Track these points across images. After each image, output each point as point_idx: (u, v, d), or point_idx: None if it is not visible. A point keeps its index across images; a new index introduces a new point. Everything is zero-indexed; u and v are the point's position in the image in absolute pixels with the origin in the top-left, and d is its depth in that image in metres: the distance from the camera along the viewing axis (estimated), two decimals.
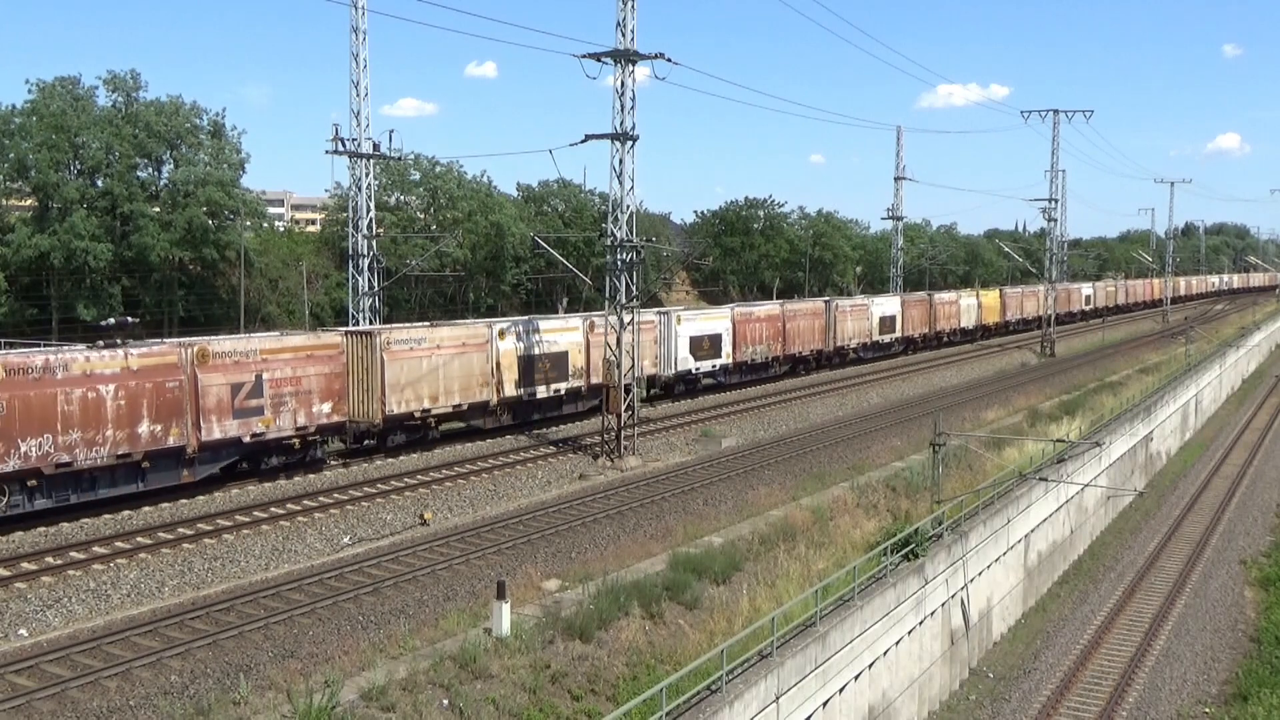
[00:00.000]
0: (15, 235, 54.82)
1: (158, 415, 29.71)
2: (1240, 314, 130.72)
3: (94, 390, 28.35)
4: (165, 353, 30.39)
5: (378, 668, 18.83)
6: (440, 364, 38.80)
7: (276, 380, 32.85)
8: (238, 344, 32.47)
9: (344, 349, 35.67)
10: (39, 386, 27.29)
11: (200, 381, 30.71)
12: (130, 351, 29.46)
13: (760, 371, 59.16)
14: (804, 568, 27.26)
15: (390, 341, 37.10)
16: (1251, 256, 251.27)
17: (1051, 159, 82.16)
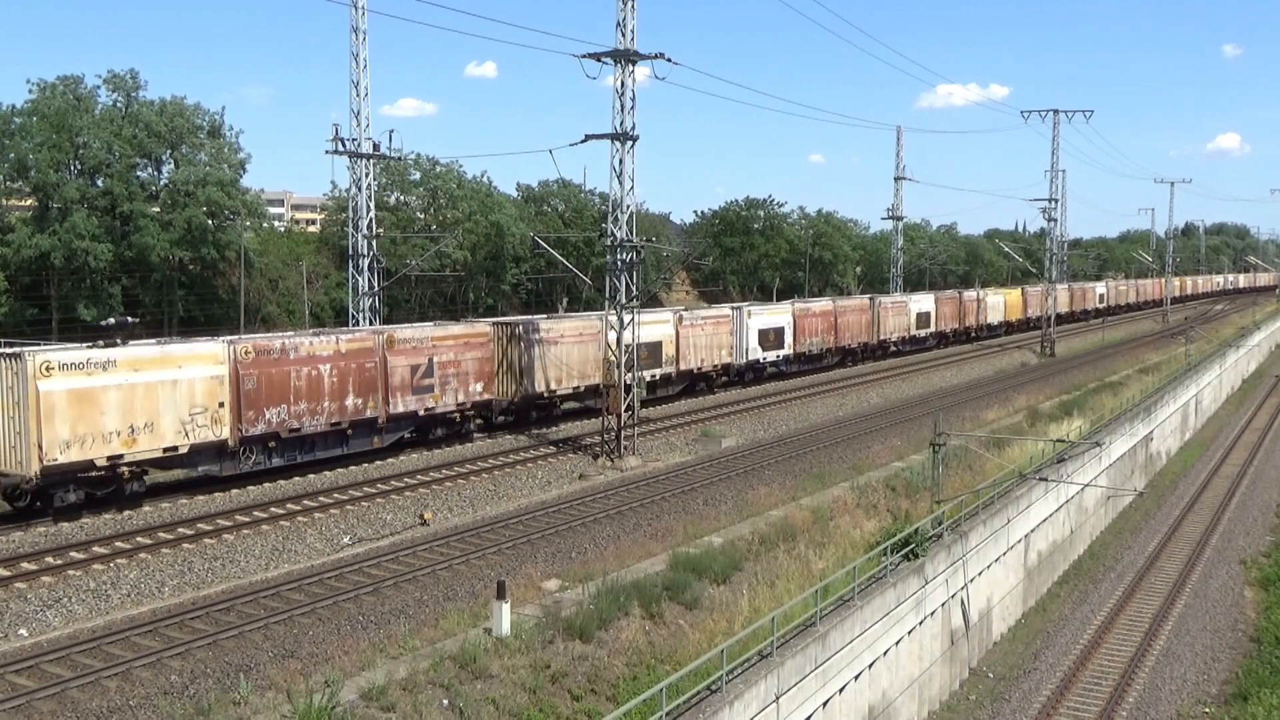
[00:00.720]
0: (15, 235, 54.83)
1: (359, 391, 36.05)
2: (1240, 314, 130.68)
3: (315, 369, 34.58)
4: (364, 339, 36.62)
5: (378, 668, 18.83)
6: (563, 352, 44.97)
7: (443, 363, 39.18)
8: (415, 332, 38.91)
9: (492, 337, 41.64)
10: (278, 365, 33.33)
11: (389, 363, 36.93)
12: (340, 337, 36.22)
13: (815, 362, 64.83)
14: (804, 568, 27.27)
15: (529, 330, 43.88)
16: (1251, 256, 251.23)
17: (1051, 159, 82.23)
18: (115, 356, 29.24)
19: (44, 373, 27.68)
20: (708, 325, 55.05)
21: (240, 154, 61.98)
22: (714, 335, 55.33)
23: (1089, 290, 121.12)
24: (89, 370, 28.59)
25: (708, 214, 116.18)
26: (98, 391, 28.61)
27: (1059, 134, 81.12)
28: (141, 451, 29.70)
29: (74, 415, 28.06)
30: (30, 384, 27.52)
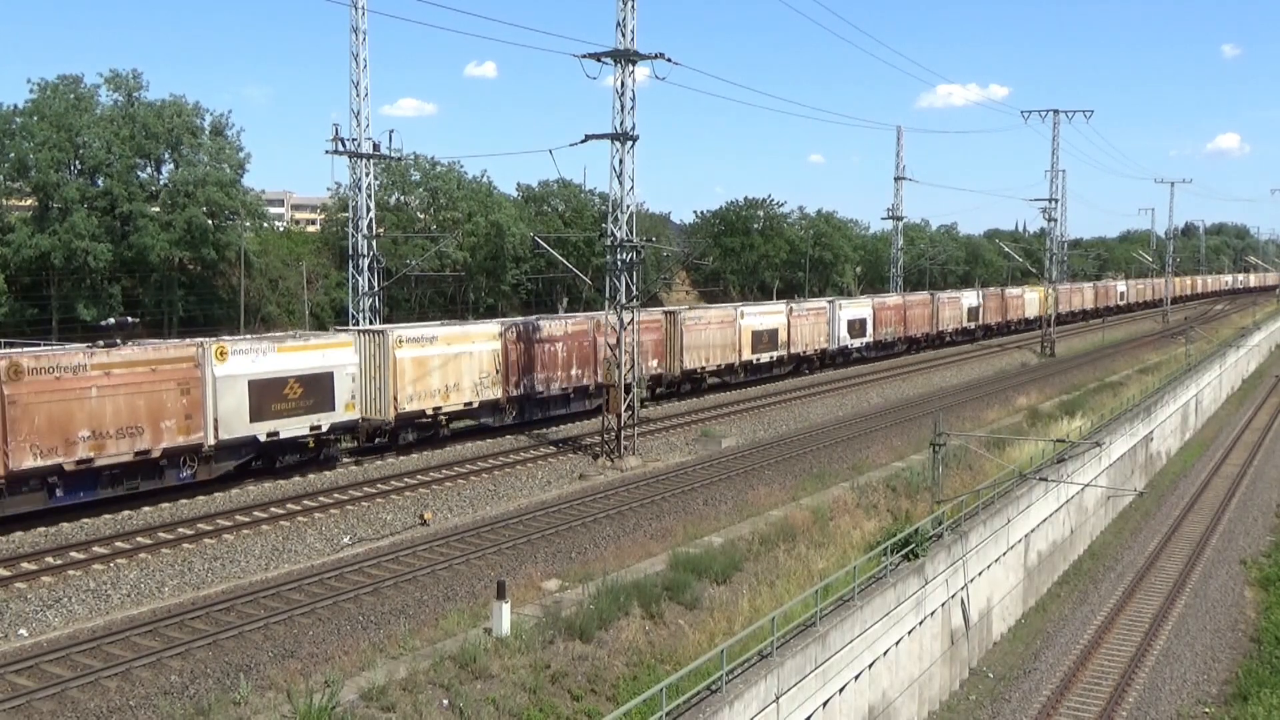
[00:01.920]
0: (15, 235, 54.84)
1: (579, 364, 45.68)
2: (1240, 314, 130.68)
3: (553, 345, 44.42)
4: (582, 322, 46.72)
5: (378, 668, 18.84)
6: (709, 336, 54.40)
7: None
8: (562, 323, 46.80)
9: (664, 322, 51.76)
10: (531, 343, 43.43)
11: (597, 342, 45.07)
12: (568, 320, 46.49)
13: (889, 348, 74.30)
14: (804, 568, 27.27)
15: (685, 319, 53.13)
16: (1251, 256, 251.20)
17: (1051, 159, 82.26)
18: (437, 334, 39.76)
19: (398, 344, 37.46)
20: (811, 315, 64.68)
21: (241, 154, 62.02)
22: (815, 324, 64.72)
23: (1111, 288, 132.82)
24: (422, 343, 38.47)
25: (707, 214, 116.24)
26: (428, 359, 38.51)
27: (1059, 134, 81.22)
28: (452, 405, 39.84)
29: (414, 377, 37.91)
30: (390, 353, 37.03)
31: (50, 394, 27.33)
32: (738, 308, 58.18)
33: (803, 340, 62.71)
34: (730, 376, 56.46)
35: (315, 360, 34.18)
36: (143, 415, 29.30)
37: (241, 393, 31.71)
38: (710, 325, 54.81)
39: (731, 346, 56.07)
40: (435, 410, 39.05)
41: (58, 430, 27.46)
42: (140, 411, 29.24)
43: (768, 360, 59.59)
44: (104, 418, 28.40)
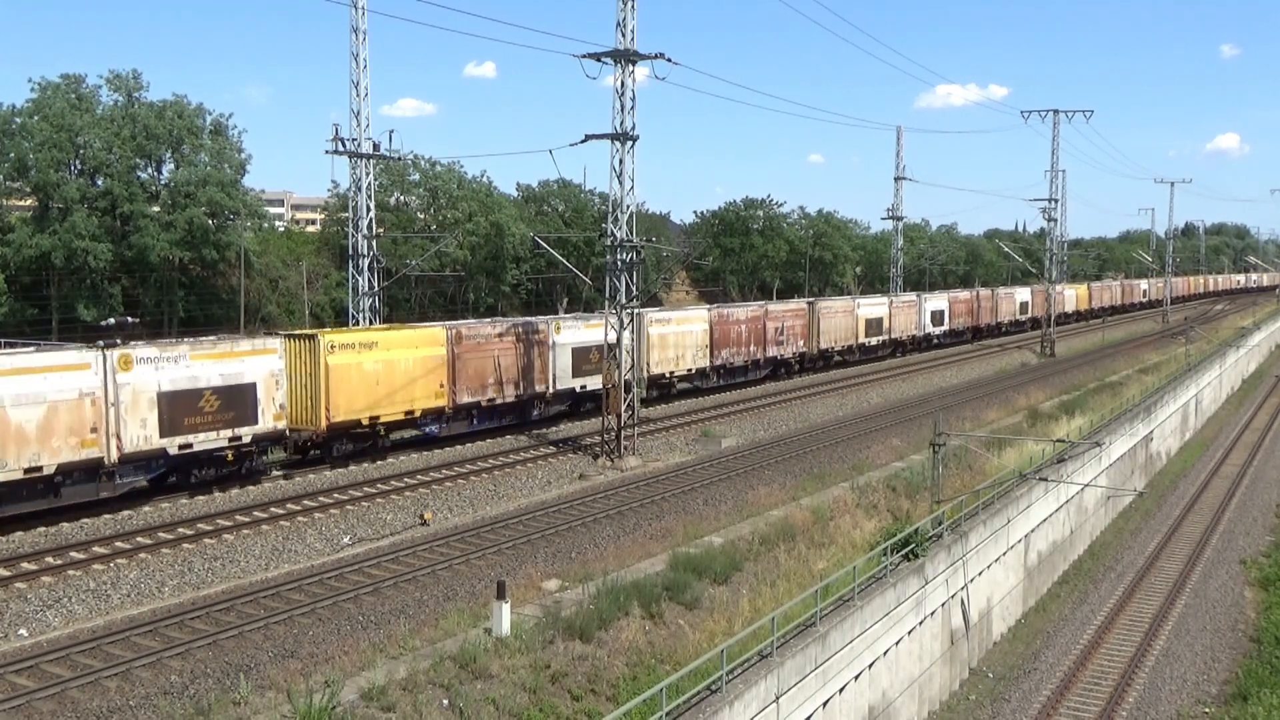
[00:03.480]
0: (16, 235, 54.85)
1: (756, 341, 58.51)
2: (1239, 314, 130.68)
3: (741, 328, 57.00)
4: (755, 308, 59.85)
5: (378, 668, 18.84)
6: (837, 323, 66.27)
7: (786, 327, 61.22)
8: (785, 306, 62.91)
9: (806, 311, 63.48)
10: (725, 324, 55.48)
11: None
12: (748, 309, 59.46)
13: (960, 336, 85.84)
14: (804, 568, 27.27)
15: (821, 308, 65.09)
16: (1251, 256, 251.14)
17: (1051, 159, 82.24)
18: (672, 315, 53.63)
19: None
20: (905, 306, 75.60)
21: (241, 154, 62.02)
22: (908, 314, 76.23)
23: (1135, 286, 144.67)
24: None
25: (707, 214, 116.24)
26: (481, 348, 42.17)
27: (1059, 134, 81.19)
28: (678, 373, 52.53)
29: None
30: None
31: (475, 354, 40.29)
32: (855, 299, 71.72)
33: (899, 327, 74.97)
34: (849, 356, 68.41)
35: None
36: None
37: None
38: (837, 314, 66.74)
39: (851, 331, 68.22)
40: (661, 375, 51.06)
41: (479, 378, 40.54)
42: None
43: (875, 343, 71.38)
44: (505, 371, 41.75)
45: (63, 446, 27.67)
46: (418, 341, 38.69)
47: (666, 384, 51.89)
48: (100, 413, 28.53)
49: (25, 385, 27.01)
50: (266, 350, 33.16)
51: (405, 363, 37.63)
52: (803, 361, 63.65)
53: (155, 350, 30.44)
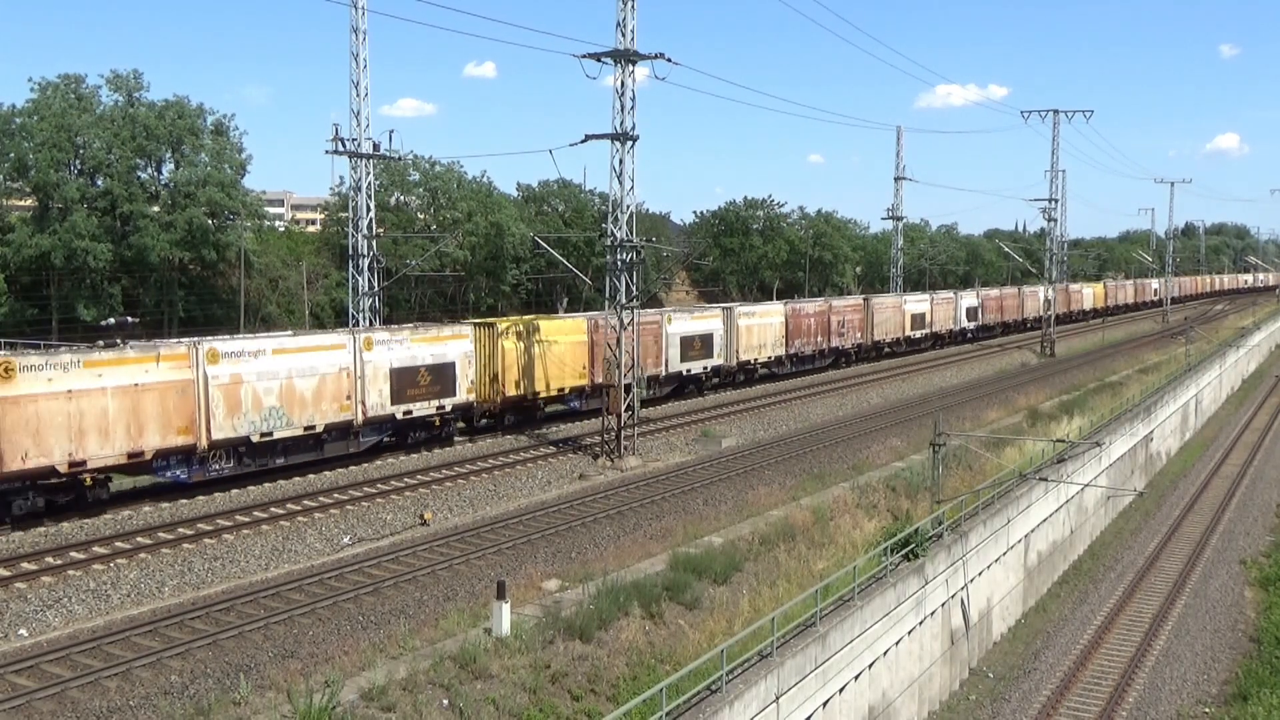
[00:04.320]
0: (15, 235, 54.84)
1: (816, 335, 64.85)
2: (1239, 314, 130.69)
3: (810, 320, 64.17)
4: (821, 303, 66.82)
5: (378, 668, 18.83)
6: (887, 316, 73.29)
7: (846, 320, 68.13)
8: (845, 302, 70.41)
9: (863, 305, 70.97)
10: (798, 318, 62.42)
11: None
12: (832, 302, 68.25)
13: (991, 331, 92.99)
14: (804, 568, 27.27)
15: (875, 303, 72.11)
16: (1251, 256, 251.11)
17: (1051, 159, 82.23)
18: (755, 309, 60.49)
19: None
20: (944, 303, 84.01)
21: (242, 155, 62.00)
22: (946, 310, 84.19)
23: (1147, 285, 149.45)
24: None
25: (707, 214, 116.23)
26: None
27: (1059, 134, 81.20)
28: (760, 360, 59.41)
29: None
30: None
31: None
32: (902, 296, 78.81)
33: (939, 322, 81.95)
34: (897, 347, 75.49)
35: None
36: None
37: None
38: (888, 309, 74.03)
39: (899, 325, 75.43)
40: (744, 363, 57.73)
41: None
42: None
43: (919, 336, 78.72)
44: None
45: (328, 410, 34.71)
46: (568, 330, 45.25)
47: (751, 370, 58.71)
48: (352, 384, 35.52)
49: (305, 361, 34.03)
50: (461, 335, 40.00)
51: (559, 347, 44.43)
52: (859, 351, 70.18)
53: (387, 334, 37.71)
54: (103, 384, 28.56)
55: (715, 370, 54.92)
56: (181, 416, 30.29)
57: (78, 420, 27.96)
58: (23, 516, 27.45)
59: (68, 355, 28.36)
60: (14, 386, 26.91)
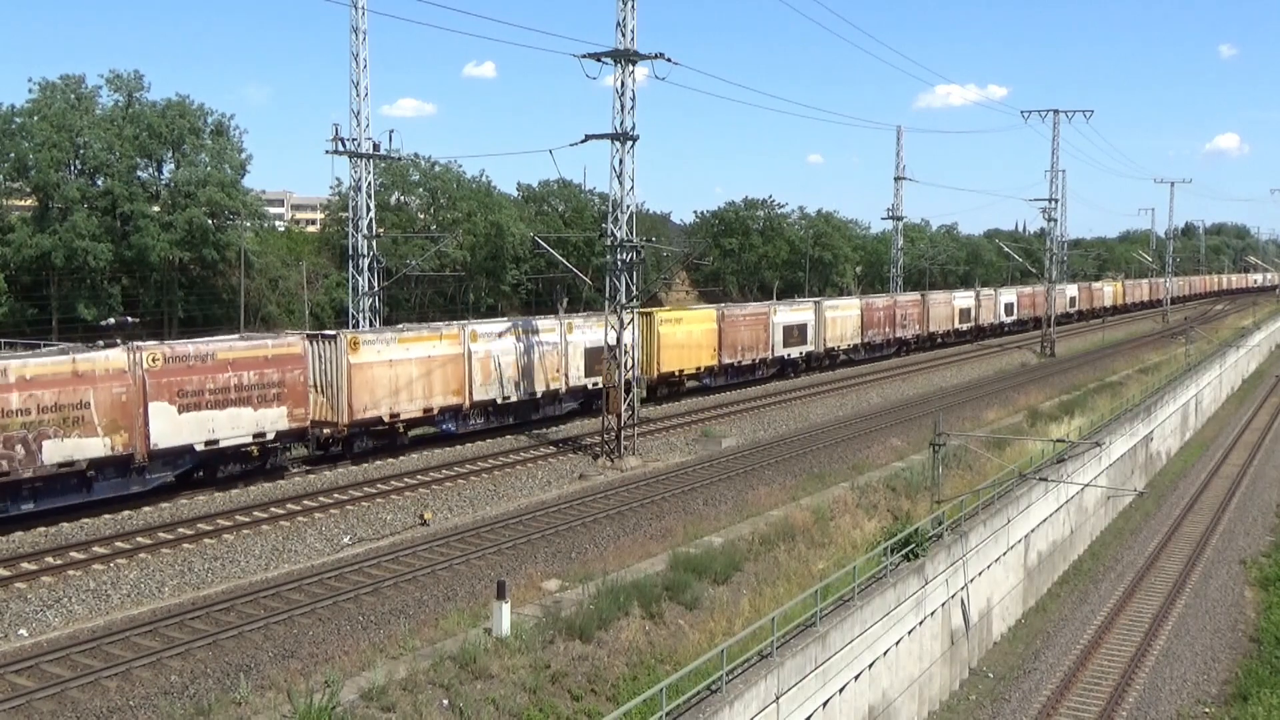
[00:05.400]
0: (16, 235, 54.85)
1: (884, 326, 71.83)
2: (1239, 314, 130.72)
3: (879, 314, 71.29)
4: (887, 298, 73.20)
5: (378, 668, 18.83)
6: (940, 311, 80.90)
7: (907, 314, 74.86)
8: (907, 297, 76.80)
9: (920, 301, 78.07)
10: (871, 310, 69.00)
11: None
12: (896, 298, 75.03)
13: (1024, 324, 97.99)
14: (804, 568, 27.27)
15: (931, 298, 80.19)
16: (1251, 256, 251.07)
17: (1051, 159, 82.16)
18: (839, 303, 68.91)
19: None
20: (987, 299, 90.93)
21: (242, 155, 62.01)
22: (989, 305, 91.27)
23: (1159, 283, 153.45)
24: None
25: (707, 214, 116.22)
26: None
27: (1059, 134, 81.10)
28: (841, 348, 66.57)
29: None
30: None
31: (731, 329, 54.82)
32: (952, 293, 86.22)
33: (983, 316, 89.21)
34: (945, 339, 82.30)
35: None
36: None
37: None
38: (940, 304, 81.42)
39: (949, 318, 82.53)
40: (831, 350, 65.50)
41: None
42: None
43: (965, 329, 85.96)
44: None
45: (546, 380, 42.71)
46: (701, 319, 53.78)
47: (834, 355, 66.23)
48: (561, 360, 43.54)
49: (530, 340, 41.90)
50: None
51: (696, 333, 52.55)
52: (917, 341, 77.47)
53: (581, 320, 45.29)
54: (409, 355, 36.96)
55: (808, 356, 62.91)
56: (455, 381, 38.89)
57: (395, 383, 36.36)
58: (361, 453, 36.04)
59: (389, 333, 37.47)
60: (359, 356, 35.21)
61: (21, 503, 27.08)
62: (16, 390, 26.40)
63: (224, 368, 30.90)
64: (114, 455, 28.34)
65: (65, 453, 27.28)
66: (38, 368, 27.00)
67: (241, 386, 31.23)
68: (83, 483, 28.18)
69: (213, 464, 31.72)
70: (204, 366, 30.47)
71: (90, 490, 28.36)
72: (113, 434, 28.17)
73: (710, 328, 54.08)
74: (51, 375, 27.16)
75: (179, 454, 30.20)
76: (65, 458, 27.31)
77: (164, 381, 29.38)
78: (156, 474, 29.89)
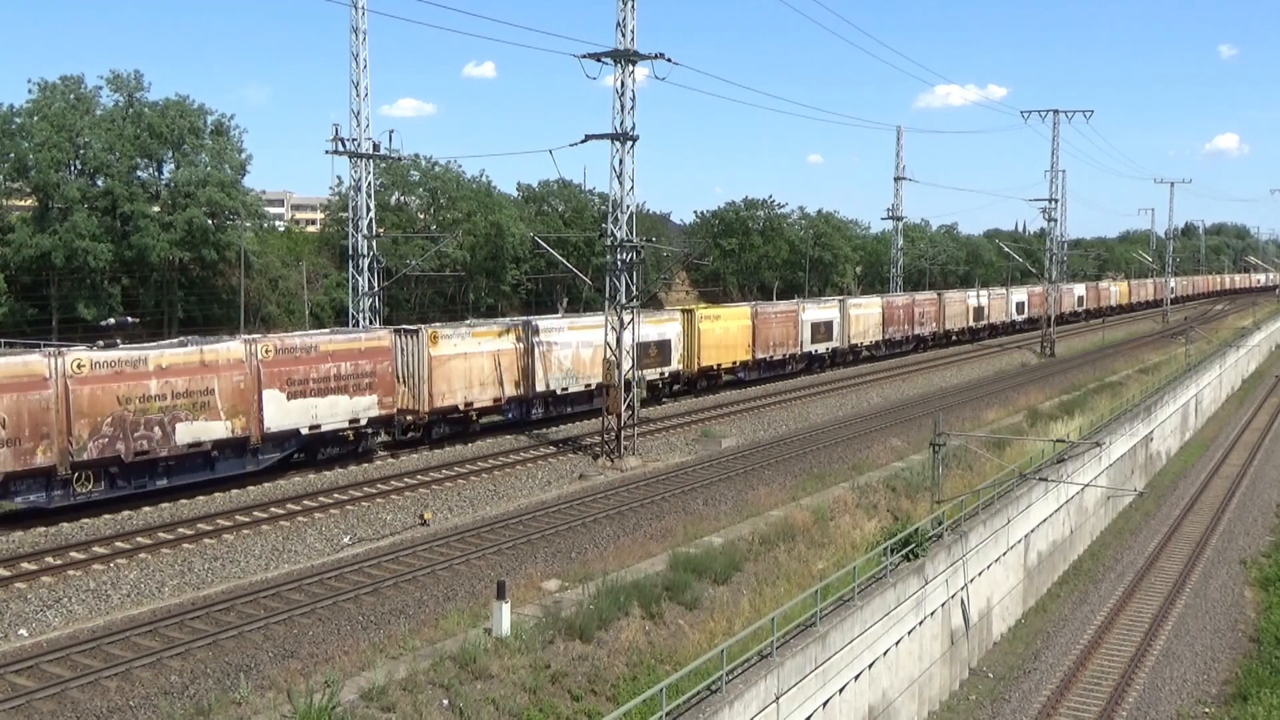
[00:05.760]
0: (16, 235, 54.85)
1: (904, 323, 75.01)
2: (1239, 314, 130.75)
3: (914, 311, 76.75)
4: (906, 297, 77.19)
5: (378, 668, 18.83)
6: (954, 310, 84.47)
7: (925, 312, 78.49)
8: (924, 296, 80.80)
9: (937, 299, 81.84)
10: (891, 309, 72.37)
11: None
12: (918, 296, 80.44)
13: (1035, 322, 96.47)
14: (804, 568, 27.27)
15: (946, 297, 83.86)
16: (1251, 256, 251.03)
17: (1051, 159, 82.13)
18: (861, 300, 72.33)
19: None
20: (998, 298, 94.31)
21: (242, 155, 61.99)
22: (999, 304, 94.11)
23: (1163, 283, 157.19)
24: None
25: (707, 214, 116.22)
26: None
27: (1059, 134, 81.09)
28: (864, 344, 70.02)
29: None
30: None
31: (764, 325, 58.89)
32: (966, 292, 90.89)
33: (994, 314, 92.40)
34: (962, 335, 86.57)
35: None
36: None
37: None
38: (955, 303, 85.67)
39: (964, 316, 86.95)
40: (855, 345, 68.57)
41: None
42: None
43: (979, 326, 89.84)
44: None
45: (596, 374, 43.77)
46: (737, 316, 57.02)
47: (857, 351, 69.66)
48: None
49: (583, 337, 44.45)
50: (674, 319, 51.52)
51: (733, 329, 55.92)
52: (933, 338, 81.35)
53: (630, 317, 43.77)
54: (481, 349, 39.94)
55: (833, 352, 66.21)
56: (519, 374, 41.81)
57: (469, 374, 39.29)
58: (438, 439, 38.85)
59: (464, 328, 40.74)
60: (439, 349, 37.95)
61: (157, 479, 29.85)
62: (155, 378, 29.31)
63: (325, 359, 33.87)
64: (234, 437, 31.27)
65: (194, 434, 30.23)
66: (172, 357, 29.92)
67: (339, 376, 34.22)
68: (207, 462, 30.96)
69: (314, 446, 34.54)
70: (308, 358, 33.45)
71: (214, 469, 31.11)
72: (233, 418, 31.16)
73: (745, 325, 57.39)
74: (183, 364, 30.08)
75: (287, 437, 33.21)
76: (194, 439, 30.23)
77: (275, 370, 32.33)
78: (268, 455, 32.66)
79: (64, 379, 27.48)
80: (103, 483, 28.55)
